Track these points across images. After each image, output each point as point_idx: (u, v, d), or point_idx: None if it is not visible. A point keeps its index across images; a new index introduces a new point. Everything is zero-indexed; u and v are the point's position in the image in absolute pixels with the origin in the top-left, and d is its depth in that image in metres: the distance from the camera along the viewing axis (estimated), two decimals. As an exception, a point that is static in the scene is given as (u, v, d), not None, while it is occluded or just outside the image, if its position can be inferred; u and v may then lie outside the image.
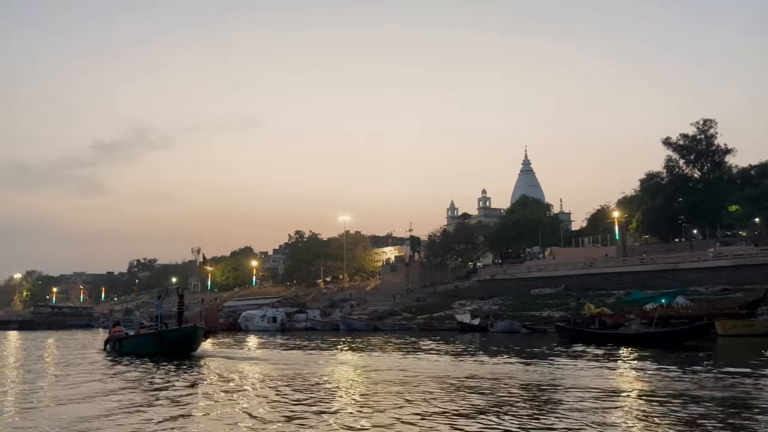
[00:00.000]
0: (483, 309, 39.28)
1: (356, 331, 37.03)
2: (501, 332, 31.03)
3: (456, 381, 12.73)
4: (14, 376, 16.96)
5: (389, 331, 36.70)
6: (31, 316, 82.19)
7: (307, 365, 17.44)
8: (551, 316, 33.90)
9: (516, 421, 8.19)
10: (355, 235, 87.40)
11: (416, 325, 38.18)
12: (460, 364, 16.50)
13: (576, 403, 9.58)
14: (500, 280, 46.29)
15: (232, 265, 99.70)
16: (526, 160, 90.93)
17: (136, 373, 16.26)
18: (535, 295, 40.76)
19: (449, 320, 38.24)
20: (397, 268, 69.77)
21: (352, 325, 38.50)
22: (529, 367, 15.31)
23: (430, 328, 36.48)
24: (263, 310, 44.26)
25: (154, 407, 10.27)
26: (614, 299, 34.21)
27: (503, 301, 40.83)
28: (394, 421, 8.39)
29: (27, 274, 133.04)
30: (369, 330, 37.26)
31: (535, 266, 45.56)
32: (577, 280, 41.02)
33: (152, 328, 24.04)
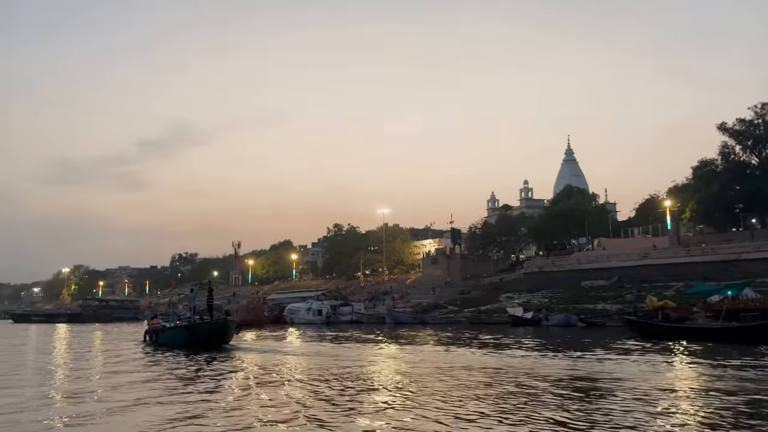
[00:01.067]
0: (533, 302, 38.22)
1: (403, 324, 36.40)
2: (556, 326, 29.99)
3: (558, 382, 11.51)
4: (63, 365, 17.83)
5: (437, 324, 35.97)
6: (80, 309, 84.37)
7: (352, 358, 16.94)
8: (606, 310, 32.69)
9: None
10: (393, 228, 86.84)
11: (464, 319, 37.35)
12: (542, 361, 15.37)
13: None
14: (548, 272, 45.04)
15: (272, 259, 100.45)
16: (569, 150, 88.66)
17: (163, 365, 16.82)
18: (586, 288, 39.44)
19: (498, 313, 37.32)
20: (438, 261, 68.86)
21: (399, 318, 37.89)
22: (616, 365, 14.12)
23: (479, 321, 35.62)
24: (308, 303, 44.00)
25: (168, 398, 10.46)
26: (673, 291, 32.70)
27: (553, 294, 39.64)
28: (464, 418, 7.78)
29: (74, 269, 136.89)
30: (416, 323, 36.61)
31: (586, 258, 44.12)
32: (631, 272, 39.51)
33: (189, 321, 24.18)
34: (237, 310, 44.94)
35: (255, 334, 32.56)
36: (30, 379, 14.29)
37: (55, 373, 15.45)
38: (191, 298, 26.41)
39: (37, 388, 12.24)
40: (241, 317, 42.90)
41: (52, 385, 12.91)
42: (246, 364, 16.46)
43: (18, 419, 8.59)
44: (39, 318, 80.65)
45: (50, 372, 15.80)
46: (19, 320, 79.72)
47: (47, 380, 13.84)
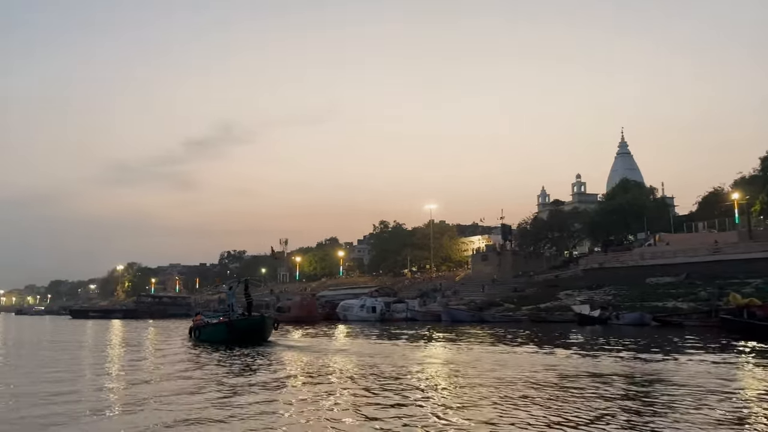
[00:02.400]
0: (595, 300, 36.62)
1: (460, 322, 35.38)
2: (628, 325, 28.47)
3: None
4: (115, 359, 19.21)
5: (496, 322, 34.82)
6: (134, 305, 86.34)
7: (410, 358, 16.18)
8: (679, 308, 30.92)
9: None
10: (440, 224, 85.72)
11: (524, 317, 36.06)
12: (642, 366, 13.72)
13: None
14: (609, 269, 43.23)
15: (319, 256, 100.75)
16: (622, 143, 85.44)
17: (196, 360, 17.39)
18: (652, 285, 37.55)
19: (559, 311, 35.95)
20: (488, 258, 67.41)
21: (456, 316, 36.83)
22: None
23: (541, 319, 34.30)
24: (362, 299, 43.33)
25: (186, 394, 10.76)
26: (752, 288, 30.64)
27: (617, 291, 37.92)
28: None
29: (128, 266, 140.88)
30: (474, 321, 35.53)
31: (650, 253, 42.09)
32: (700, 268, 37.37)
33: (228, 317, 24.62)
34: (290, 307, 44.83)
35: (305, 331, 32.30)
36: (86, 372, 15.08)
37: (104, 366, 16.55)
38: (230, 295, 26.81)
39: (92, 380, 13.16)
40: (295, 314, 42.82)
41: (97, 378, 13.69)
42: (278, 362, 16.24)
43: (74, 408, 9.42)
44: (96, 314, 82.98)
45: (101, 364, 16.97)
46: (77, 316, 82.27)
47: (98, 372, 14.81)
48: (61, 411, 9.08)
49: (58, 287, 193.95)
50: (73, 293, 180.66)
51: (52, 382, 12.52)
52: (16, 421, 8.49)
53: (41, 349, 23.84)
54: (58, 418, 8.53)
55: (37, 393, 10.92)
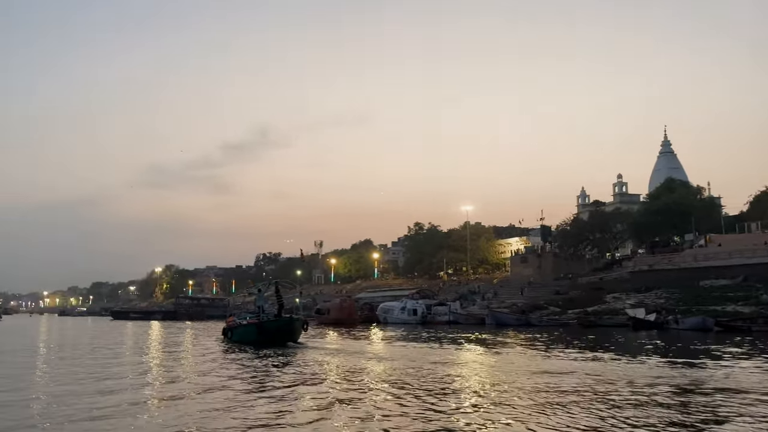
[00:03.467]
0: (646, 303, 35.19)
1: (506, 325, 34.38)
2: (688, 330, 27.12)
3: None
4: (151, 357, 20.39)
5: (543, 326, 33.70)
6: (173, 306, 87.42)
7: (460, 364, 15.37)
8: (739, 312, 29.39)
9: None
10: (476, 226, 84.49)
11: (573, 320, 34.83)
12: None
13: None
14: (658, 271, 41.59)
15: (354, 258, 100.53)
16: (665, 141, 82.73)
17: (226, 360, 18.23)
18: (707, 288, 35.89)
19: (608, 315, 34.64)
20: (527, 260, 65.94)
21: (501, 319, 35.78)
22: None
23: (590, 323, 33.02)
24: (402, 302, 42.55)
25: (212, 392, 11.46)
26: (818, 292, 28.96)
27: (669, 295, 36.37)
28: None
29: (166, 268, 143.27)
30: (520, 324, 34.47)
31: (703, 255, 40.32)
32: (759, 270, 35.50)
33: (258, 318, 25.02)
34: (329, 309, 44.42)
35: (343, 333, 31.93)
36: (127, 371, 15.79)
37: (144, 365, 17.66)
38: (259, 297, 27.14)
39: (132, 378, 13.97)
40: (334, 316, 42.42)
41: (138, 375, 14.70)
42: (301, 364, 16.15)
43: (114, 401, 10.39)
44: (136, 315, 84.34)
45: (141, 363, 18.04)
46: (117, 317, 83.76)
47: (138, 371, 15.76)
48: (104, 406, 9.79)
49: (99, 289, 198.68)
50: (113, 295, 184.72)
51: (98, 379, 13.40)
52: (64, 415, 9.11)
53: (88, 349, 24.26)
54: (102, 412, 9.19)
55: (83, 391, 11.67)
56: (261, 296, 27.07)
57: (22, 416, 9.10)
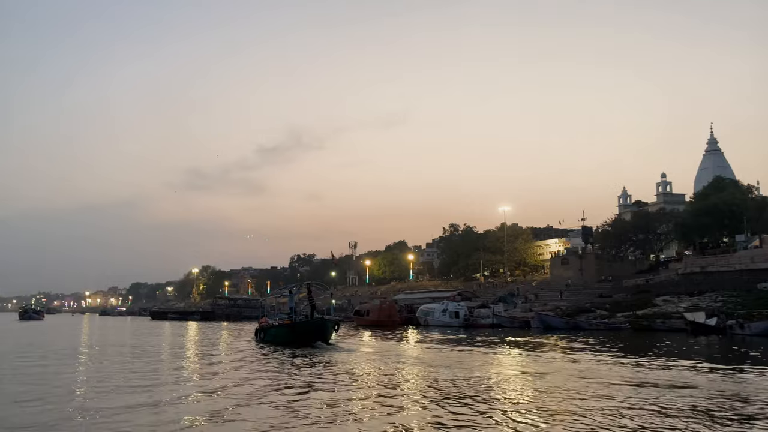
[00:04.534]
0: (701, 306, 33.61)
1: (553, 329, 33.21)
2: (756, 335, 25.64)
3: None
4: (188, 356, 21.29)
5: (593, 329, 32.42)
6: (211, 307, 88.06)
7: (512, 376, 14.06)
8: (806, 316, 27.71)
9: None
10: (513, 227, 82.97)
11: (624, 324, 33.44)
12: None
13: None
14: (712, 273, 39.83)
15: (388, 259, 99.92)
16: (711, 139, 79.74)
17: (256, 359, 18.73)
18: (766, 290, 34.11)
19: (660, 318, 33.18)
20: (568, 261, 64.31)
21: (549, 322, 34.57)
22: None
23: (643, 327, 31.60)
24: (444, 303, 41.61)
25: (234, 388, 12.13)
26: None
27: (725, 298, 34.68)
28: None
29: (203, 269, 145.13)
30: (569, 328, 33.26)
31: (761, 256, 38.39)
32: (822, 273, 33.69)
33: (290, 319, 25.49)
34: (369, 310, 43.88)
35: (382, 335, 31.44)
36: (165, 369, 16.49)
37: (181, 363, 18.41)
38: (290, 298, 27.52)
39: (170, 376, 14.72)
40: (374, 318, 41.85)
41: (175, 372, 15.72)
42: (329, 366, 16.02)
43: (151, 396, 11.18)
44: (174, 315, 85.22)
45: (179, 361, 18.84)
46: (156, 317, 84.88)
47: (175, 367, 16.75)
48: (143, 401, 10.52)
49: (138, 289, 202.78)
50: (151, 295, 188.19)
51: (137, 377, 14.22)
52: (103, 408, 9.80)
53: (130, 348, 24.62)
54: (142, 406, 9.96)
55: (126, 386, 12.52)
56: (293, 297, 27.47)
57: (63, 410, 9.82)
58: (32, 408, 9.92)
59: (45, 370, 16.13)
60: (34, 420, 8.92)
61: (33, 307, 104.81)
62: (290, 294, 28.45)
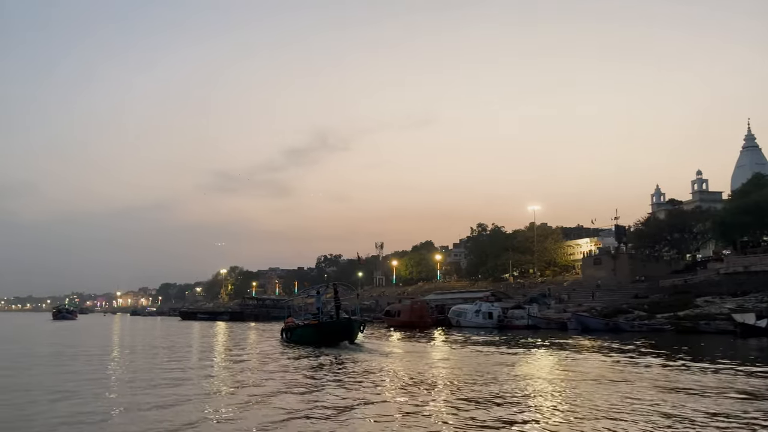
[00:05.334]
0: (747, 307, 32.35)
1: (591, 330, 32.23)
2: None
3: None
4: (217, 355, 21.94)
5: (634, 331, 31.37)
6: (239, 307, 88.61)
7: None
8: None
9: None
10: (542, 226, 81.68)
11: (666, 326, 32.32)
12: None
13: None
14: (755, 273, 38.44)
15: (415, 260, 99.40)
16: (749, 136, 77.26)
17: (282, 357, 19.20)
18: (817, 292, 32.71)
19: (704, 320, 32.03)
20: (601, 261, 63.04)
21: (587, 324, 33.57)
22: None
23: (687, 329, 30.47)
24: (477, 304, 40.81)
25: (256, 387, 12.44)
26: None
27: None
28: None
29: (231, 270, 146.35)
30: (608, 330, 32.28)
31: (812, 255, 36.90)
32: None
33: (316, 320, 25.90)
34: (400, 311, 43.40)
35: (409, 337, 31.10)
36: (193, 369, 16.86)
37: (210, 361, 19.04)
38: (317, 298, 27.95)
39: (198, 374, 15.36)
40: (405, 318, 41.32)
41: (204, 369, 16.55)
42: (354, 367, 16.00)
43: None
44: (204, 316, 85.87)
45: (208, 360, 19.48)
46: (186, 317, 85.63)
47: (204, 366, 17.37)
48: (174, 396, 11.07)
49: (167, 290, 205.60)
50: (180, 295, 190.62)
51: (169, 374, 14.89)
52: (140, 404, 10.30)
53: (166, 348, 24.74)
54: (172, 402, 10.47)
55: (158, 382, 13.20)
56: (319, 298, 27.90)
57: (99, 404, 10.50)
58: (72, 402, 10.48)
59: (80, 368, 16.58)
60: (74, 413, 9.44)
61: (66, 307, 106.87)
62: (317, 294, 28.85)
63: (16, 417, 9.19)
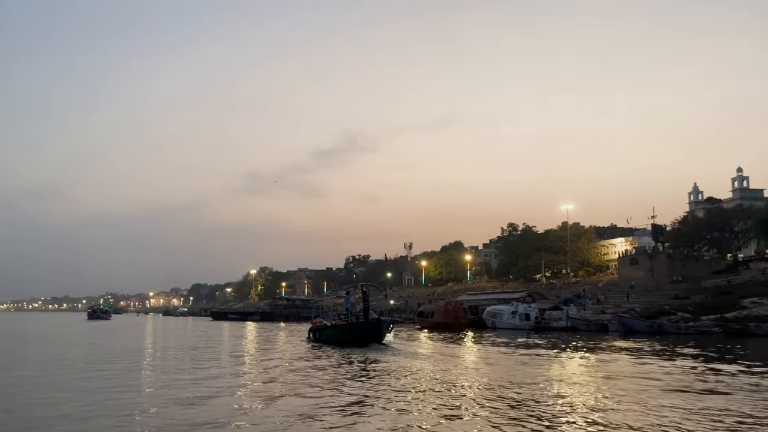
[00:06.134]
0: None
1: (635, 332, 31.17)
2: None
3: None
4: (246, 353, 22.64)
5: (680, 334, 30.23)
6: (270, 308, 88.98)
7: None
8: None
9: None
10: (575, 226, 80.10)
11: (715, 328, 31.06)
12: None
13: None
14: (807, 273, 36.83)
15: (444, 260, 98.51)
16: (791, 130, 74.74)
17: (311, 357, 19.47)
18: None
19: (754, 322, 30.75)
20: (638, 261, 61.45)
21: (630, 325, 32.41)
22: None
23: (737, 332, 29.18)
24: (513, 305, 39.91)
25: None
26: None
27: (830, 300, 31.88)
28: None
29: (260, 270, 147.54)
30: (652, 332, 31.17)
31: None
32: None
33: (345, 320, 26.16)
34: (433, 312, 42.83)
35: (440, 338, 30.58)
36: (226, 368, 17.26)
37: (240, 360, 19.51)
38: (347, 299, 28.12)
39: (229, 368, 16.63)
40: (439, 319, 40.75)
41: (235, 367, 17.09)
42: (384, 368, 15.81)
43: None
44: (234, 316, 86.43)
45: (238, 359, 19.93)
46: (217, 318, 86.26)
47: (236, 364, 17.98)
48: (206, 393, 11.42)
49: (198, 290, 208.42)
50: (211, 295, 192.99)
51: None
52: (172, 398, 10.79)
53: (202, 348, 24.86)
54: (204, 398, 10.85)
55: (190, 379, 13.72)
56: (349, 299, 28.08)
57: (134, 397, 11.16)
58: (106, 397, 11.16)
59: (113, 366, 17.08)
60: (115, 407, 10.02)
61: (101, 308, 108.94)
62: (346, 295, 29.02)
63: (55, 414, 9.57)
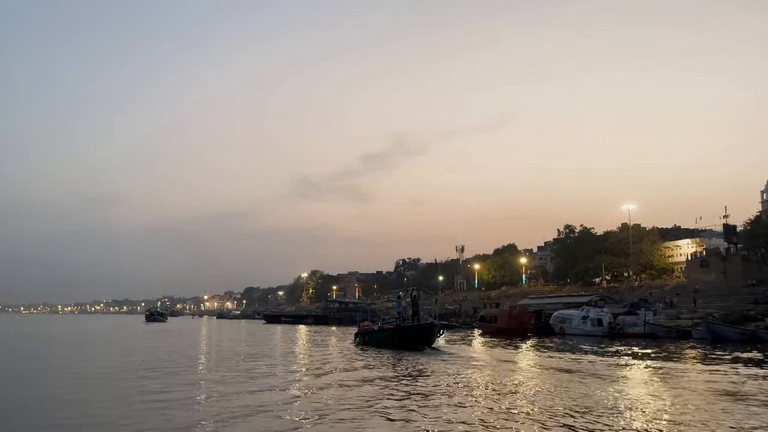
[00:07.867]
0: None
1: (724, 340, 28.93)
2: None
3: None
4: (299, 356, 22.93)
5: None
6: (322, 311, 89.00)
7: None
8: None
9: None
10: (636, 227, 76.83)
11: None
12: None
13: None
14: None
15: (498, 263, 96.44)
16: None
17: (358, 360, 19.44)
18: None
19: None
20: (709, 264, 58.12)
21: (719, 332, 30.09)
22: None
23: None
24: (584, 309, 38.04)
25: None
26: None
27: None
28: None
29: (311, 273, 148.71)
30: (745, 339, 28.90)
31: None
32: None
33: (395, 324, 26.27)
34: (496, 316, 41.39)
35: (503, 344, 29.48)
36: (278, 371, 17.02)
37: (292, 364, 19.34)
38: (397, 303, 28.21)
39: (282, 374, 16.05)
40: (503, 324, 39.30)
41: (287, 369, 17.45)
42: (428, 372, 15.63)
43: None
44: (287, 319, 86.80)
45: (292, 363, 19.82)
46: (270, 321, 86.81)
47: (288, 369, 17.65)
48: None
49: (251, 293, 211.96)
50: (263, 299, 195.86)
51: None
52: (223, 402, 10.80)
53: (252, 354, 24.49)
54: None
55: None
56: (400, 302, 28.04)
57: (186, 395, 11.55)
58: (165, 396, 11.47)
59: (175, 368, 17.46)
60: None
61: (158, 310, 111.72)
62: (398, 299, 29.12)
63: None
